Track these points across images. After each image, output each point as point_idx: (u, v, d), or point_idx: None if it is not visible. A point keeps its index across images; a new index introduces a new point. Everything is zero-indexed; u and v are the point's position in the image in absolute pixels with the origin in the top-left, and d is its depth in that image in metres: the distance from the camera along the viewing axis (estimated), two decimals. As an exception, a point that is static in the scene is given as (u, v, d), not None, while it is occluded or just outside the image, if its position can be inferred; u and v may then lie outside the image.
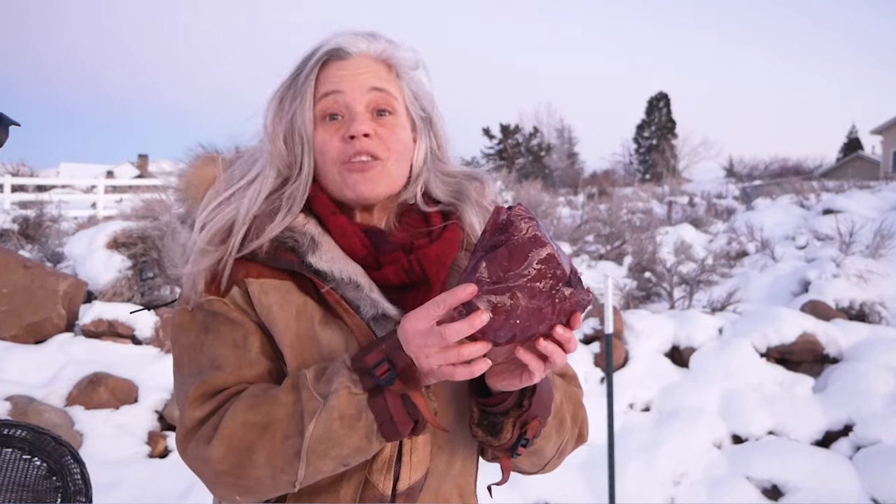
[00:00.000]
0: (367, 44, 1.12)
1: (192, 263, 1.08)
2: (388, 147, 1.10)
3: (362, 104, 1.10)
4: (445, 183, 1.20)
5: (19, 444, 1.58)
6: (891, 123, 34.45)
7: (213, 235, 1.07)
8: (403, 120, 1.14)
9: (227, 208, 1.09)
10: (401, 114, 1.13)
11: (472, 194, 1.20)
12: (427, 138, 1.19)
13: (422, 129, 1.18)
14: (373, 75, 1.11)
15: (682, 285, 8.03)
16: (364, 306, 1.06)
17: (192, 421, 1.03)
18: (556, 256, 0.91)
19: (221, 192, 1.11)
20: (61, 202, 11.73)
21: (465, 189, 1.20)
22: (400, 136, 1.12)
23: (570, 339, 0.94)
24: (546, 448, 1.13)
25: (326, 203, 1.10)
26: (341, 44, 1.10)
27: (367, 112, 1.10)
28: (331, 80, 1.10)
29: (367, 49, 1.12)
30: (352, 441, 0.96)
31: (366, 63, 1.11)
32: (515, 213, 0.93)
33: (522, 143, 54.17)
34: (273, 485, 1.00)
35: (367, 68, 1.11)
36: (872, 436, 4.61)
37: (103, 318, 5.16)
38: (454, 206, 1.18)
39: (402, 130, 1.13)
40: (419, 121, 1.17)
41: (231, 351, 1.06)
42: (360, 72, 1.10)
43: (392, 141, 1.11)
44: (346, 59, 1.11)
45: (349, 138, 1.08)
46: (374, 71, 1.12)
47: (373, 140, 1.09)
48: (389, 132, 1.11)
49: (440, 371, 0.93)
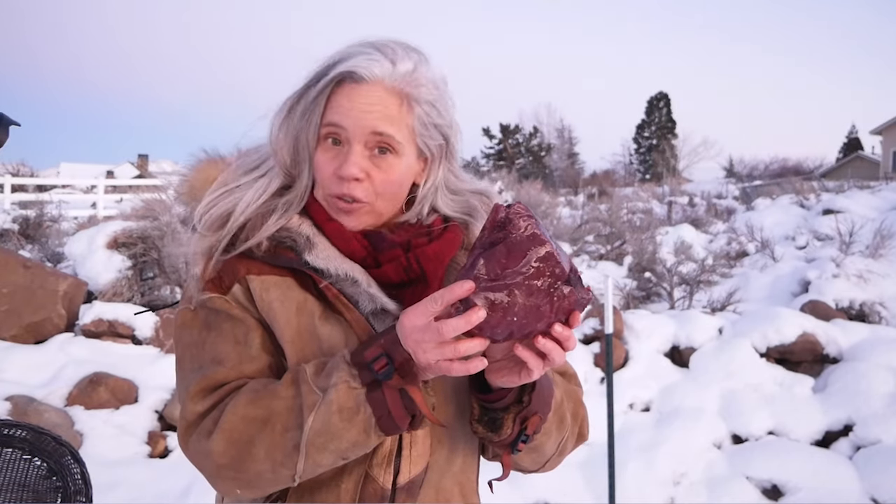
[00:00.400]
0: (384, 68, 1.06)
1: (189, 244, 1.10)
2: (377, 191, 1.08)
3: (361, 143, 1.07)
4: (454, 200, 1.19)
5: (19, 444, 1.58)
6: (891, 123, 34.46)
7: (213, 221, 1.09)
8: (407, 157, 1.10)
9: (230, 197, 1.10)
10: (404, 152, 1.09)
11: (481, 209, 1.20)
12: (441, 165, 1.15)
13: (436, 156, 1.14)
14: (380, 114, 1.05)
15: (682, 285, 8.04)
16: (363, 301, 1.07)
17: (194, 415, 1.04)
18: (555, 255, 0.92)
19: (231, 181, 1.12)
20: (61, 202, 11.74)
21: (473, 205, 1.19)
22: (395, 177, 1.09)
23: (569, 338, 0.94)
24: (546, 445, 1.13)
25: (321, 211, 1.11)
26: (358, 67, 1.05)
27: (364, 150, 1.07)
28: (338, 109, 1.07)
29: (381, 75, 1.05)
30: (350, 434, 0.97)
31: (377, 96, 1.06)
32: (514, 211, 0.93)
33: (522, 143, 54.20)
34: (273, 478, 1.01)
35: (377, 104, 1.05)
36: (872, 436, 4.61)
37: (103, 318, 5.16)
38: (466, 222, 1.19)
39: (398, 170, 1.09)
40: (434, 149, 1.13)
41: (232, 347, 1.07)
42: (367, 109, 1.05)
43: (384, 185, 1.08)
44: (359, 84, 1.05)
45: (339, 177, 1.07)
46: (383, 108, 1.06)
47: (363, 184, 1.07)
48: (384, 175, 1.08)
49: (437, 366, 0.94)
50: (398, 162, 1.09)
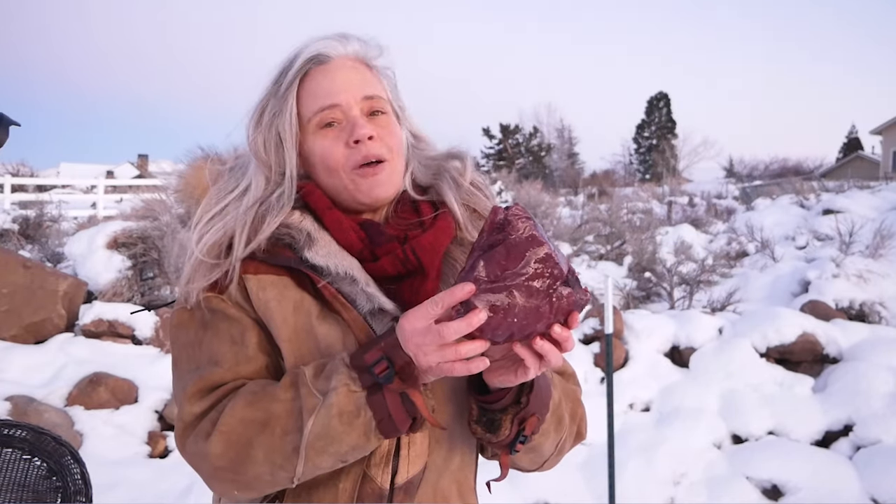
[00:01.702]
0: (342, 46, 1.14)
1: (191, 276, 1.09)
2: (391, 146, 1.13)
3: (357, 109, 1.12)
4: (428, 167, 1.22)
5: (19, 444, 1.58)
6: (891, 123, 34.45)
7: (211, 247, 1.09)
8: (392, 116, 1.17)
9: (221, 221, 1.10)
10: (390, 111, 1.16)
11: (451, 172, 1.21)
12: (406, 125, 1.21)
13: (402, 117, 1.21)
14: (361, 80, 1.13)
15: (682, 285, 8.04)
16: (360, 300, 1.07)
17: (191, 416, 1.04)
18: (554, 256, 0.92)
19: (213, 206, 1.12)
20: (61, 202, 11.73)
21: (443, 168, 1.22)
22: (396, 133, 1.15)
23: (568, 339, 0.95)
24: (544, 445, 1.13)
25: (322, 198, 1.12)
26: (319, 49, 1.12)
27: (364, 116, 1.12)
28: (323, 91, 1.11)
29: (345, 52, 1.14)
30: (350, 438, 0.97)
31: (349, 66, 1.13)
32: (513, 213, 0.93)
33: (522, 143, 54.20)
34: (271, 480, 1.01)
35: (353, 73, 1.13)
36: (872, 436, 4.61)
37: (103, 318, 5.17)
38: (434, 186, 1.20)
39: (395, 127, 1.16)
40: (399, 111, 1.20)
41: (229, 347, 1.07)
42: (349, 81, 1.12)
43: (392, 139, 1.13)
44: (327, 64, 1.12)
45: (354, 143, 1.10)
46: (360, 75, 1.14)
47: (377, 142, 1.11)
48: (387, 131, 1.13)
49: (438, 368, 0.94)
50: (391, 121, 1.15)
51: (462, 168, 1.22)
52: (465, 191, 1.20)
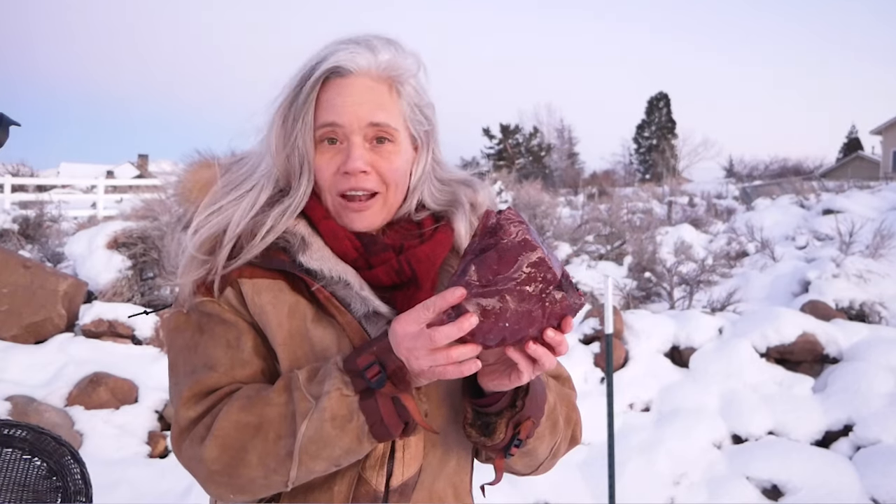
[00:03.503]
0: (367, 58, 1.08)
1: (182, 272, 1.09)
2: (385, 180, 1.09)
3: (360, 136, 1.08)
4: (440, 191, 1.19)
5: (19, 444, 1.59)
6: (891, 123, 34.46)
7: (203, 242, 1.08)
8: (404, 144, 1.12)
9: (220, 217, 1.09)
10: (401, 139, 1.11)
11: (465, 200, 1.19)
12: (428, 150, 1.17)
13: (423, 141, 1.16)
14: (372, 105, 1.08)
15: (682, 285, 8.04)
16: (355, 304, 1.07)
17: (186, 420, 1.04)
18: (547, 260, 0.91)
19: (219, 199, 1.11)
20: (61, 202, 11.76)
21: (458, 196, 1.19)
22: (398, 165, 1.10)
23: (561, 343, 0.94)
24: (539, 449, 1.13)
25: (318, 208, 1.11)
26: (341, 61, 1.07)
27: (364, 143, 1.08)
28: (331, 107, 1.08)
29: (367, 65, 1.08)
30: (343, 442, 0.97)
31: (366, 86, 1.08)
32: (505, 217, 0.93)
33: (522, 143, 54.18)
34: (266, 484, 1.02)
35: (367, 94, 1.08)
36: (872, 436, 4.61)
37: (103, 318, 5.17)
38: (446, 212, 1.18)
39: (400, 157, 1.11)
40: (421, 134, 1.15)
41: (224, 351, 1.07)
42: (359, 101, 1.07)
43: (389, 172, 1.09)
44: (346, 78, 1.08)
45: (344, 173, 1.07)
46: (375, 97, 1.08)
47: (370, 176, 1.08)
48: (387, 163, 1.09)
49: (430, 372, 0.94)
50: (397, 150, 1.10)
51: (475, 195, 1.19)
52: (476, 217, 1.17)
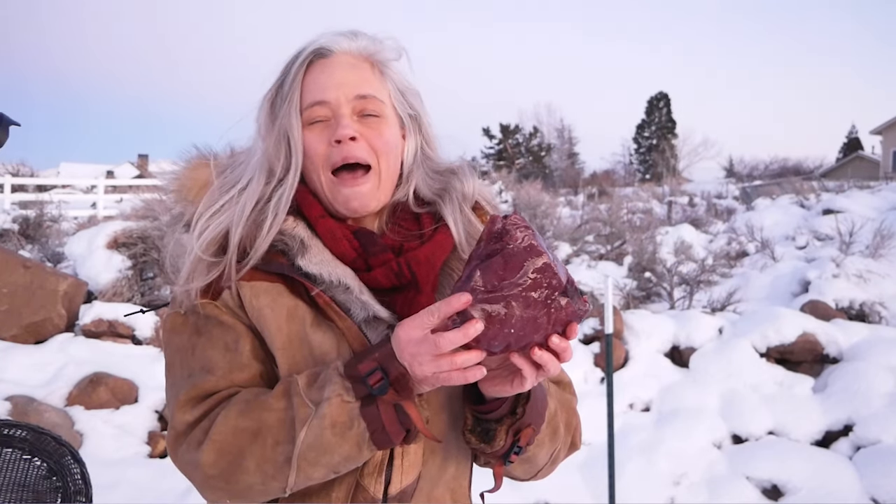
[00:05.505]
0: (348, 42, 1.11)
1: (189, 275, 1.07)
2: (375, 149, 1.09)
3: (347, 108, 1.09)
4: (434, 179, 1.18)
5: (19, 444, 1.58)
6: (891, 123, 34.45)
7: (209, 244, 1.07)
8: (391, 120, 1.13)
9: (222, 216, 1.08)
10: (387, 115, 1.12)
11: (456, 193, 1.18)
12: (416, 135, 1.17)
13: (410, 126, 1.16)
14: (357, 79, 1.10)
15: (682, 285, 8.04)
16: (355, 308, 1.05)
17: (183, 424, 1.03)
18: (552, 266, 0.91)
19: (216, 201, 1.10)
20: (61, 202, 11.75)
21: (449, 188, 1.18)
22: (386, 135, 1.10)
23: (566, 349, 0.93)
24: (539, 456, 1.12)
25: (314, 205, 1.09)
26: (323, 43, 1.10)
27: (352, 115, 1.09)
28: (316, 86, 1.09)
29: (348, 47, 1.11)
30: (343, 449, 0.96)
31: (349, 63, 1.11)
32: (511, 222, 0.92)
33: (522, 143, 54.18)
34: (263, 490, 1.00)
35: (351, 71, 1.10)
36: (872, 436, 4.61)
37: (103, 318, 5.17)
38: (436, 203, 1.16)
39: (388, 130, 1.11)
40: (407, 118, 1.16)
41: (222, 354, 1.05)
42: (344, 79, 1.09)
43: (379, 142, 1.09)
44: (328, 57, 1.10)
45: (335, 143, 1.07)
46: (359, 73, 1.10)
47: (359, 143, 1.08)
48: (375, 133, 1.09)
49: (434, 378, 0.93)
50: (385, 123, 1.11)
51: (462, 186, 1.17)
52: (466, 216, 1.16)
